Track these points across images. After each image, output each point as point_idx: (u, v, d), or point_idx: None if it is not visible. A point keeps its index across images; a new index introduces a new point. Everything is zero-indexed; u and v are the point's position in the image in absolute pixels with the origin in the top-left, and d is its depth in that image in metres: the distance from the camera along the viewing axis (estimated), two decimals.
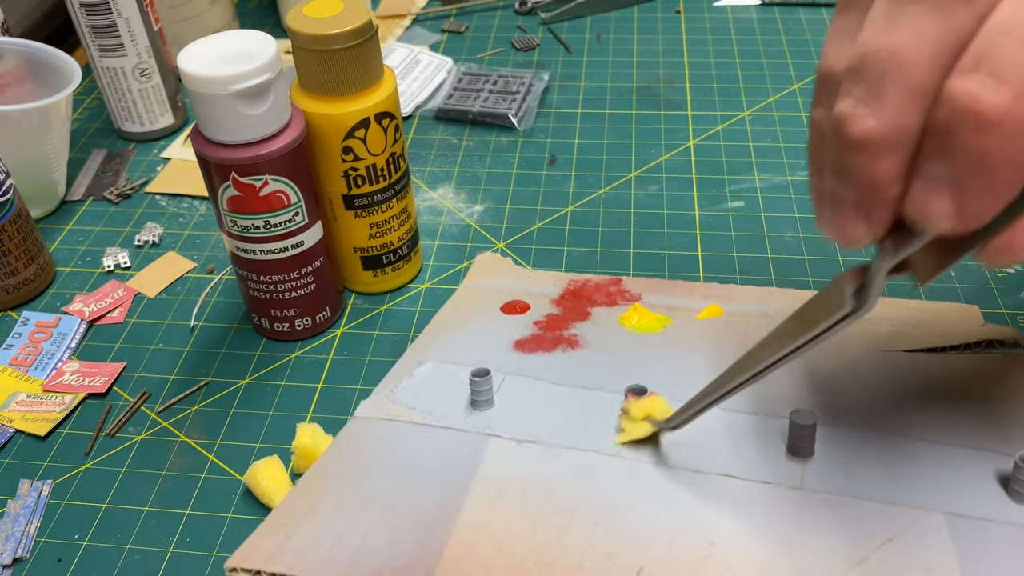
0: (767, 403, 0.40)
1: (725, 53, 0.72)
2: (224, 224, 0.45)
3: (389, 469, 0.38)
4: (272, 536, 0.35)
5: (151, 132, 0.65)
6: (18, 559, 0.39)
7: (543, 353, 0.44)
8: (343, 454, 0.40)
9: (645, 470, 0.37)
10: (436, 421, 0.40)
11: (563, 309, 0.47)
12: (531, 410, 0.41)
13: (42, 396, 0.46)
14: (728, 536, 0.34)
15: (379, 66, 0.45)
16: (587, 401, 0.41)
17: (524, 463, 0.38)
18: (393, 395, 0.42)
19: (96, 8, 0.59)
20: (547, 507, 0.36)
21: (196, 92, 0.40)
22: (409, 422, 0.41)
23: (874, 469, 0.36)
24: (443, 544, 0.34)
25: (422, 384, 0.43)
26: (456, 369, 0.43)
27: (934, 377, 0.41)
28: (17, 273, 0.51)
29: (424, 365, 0.44)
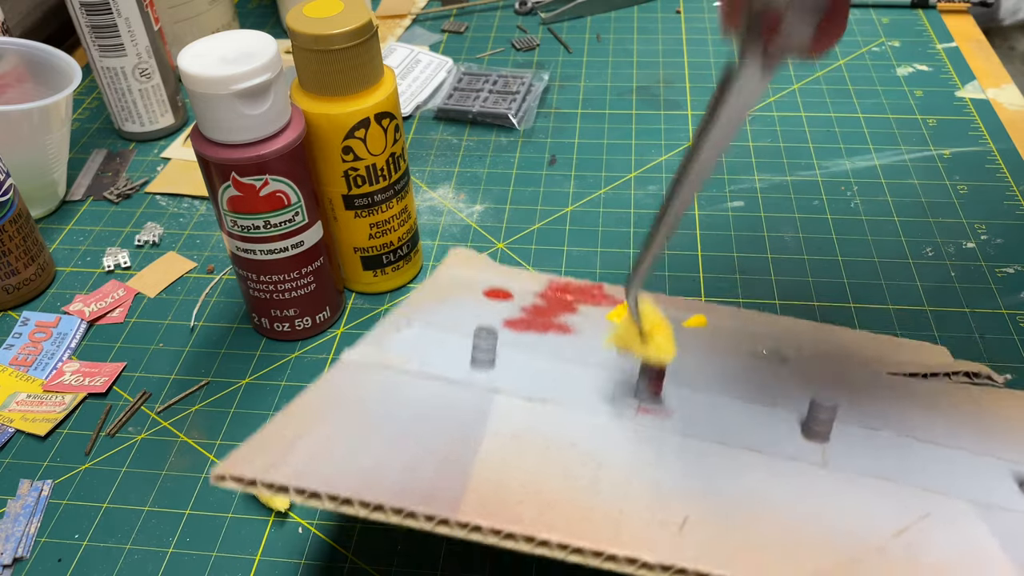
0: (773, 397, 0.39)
1: (725, 53, 0.72)
2: (224, 224, 0.45)
3: (393, 405, 0.34)
4: (264, 450, 0.31)
5: (151, 132, 0.65)
6: (18, 559, 0.39)
7: (535, 333, 0.41)
8: (335, 387, 0.35)
9: (669, 437, 0.35)
10: (437, 373, 0.36)
11: (548, 303, 0.45)
12: (534, 376, 0.37)
13: (42, 396, 0.46)
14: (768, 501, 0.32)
15: (379, 66, 0.45)
16: (591, 374, 0.38)
17: (537, 419, 0.35)
18: (383, 348, 0.38)
19: (96, 8, 0.59)
20: (573, 457, 0.32)
21: (196, 92, 0.40)
22: (405, 371, 0.36)
23: (891, 459, 0.36)
24: (467, 473, 0.30)
25: (414, 341, 0.39)
26: (446, 336, 0.39)
27: (921, 393, 0.42)
28: (17, 273, 0.51)
29: (412, 327, 0.40)
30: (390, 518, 0.28)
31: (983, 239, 0.53)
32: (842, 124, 0.63)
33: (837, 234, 0.54)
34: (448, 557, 0.38)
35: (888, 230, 0.54)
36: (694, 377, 0.39)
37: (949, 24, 0.73)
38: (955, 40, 0.71)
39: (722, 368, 0.41)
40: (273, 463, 0.30)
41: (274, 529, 0.40)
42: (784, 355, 0.43)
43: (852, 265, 0.51)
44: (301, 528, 0.40)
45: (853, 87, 0.66)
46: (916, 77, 0.67)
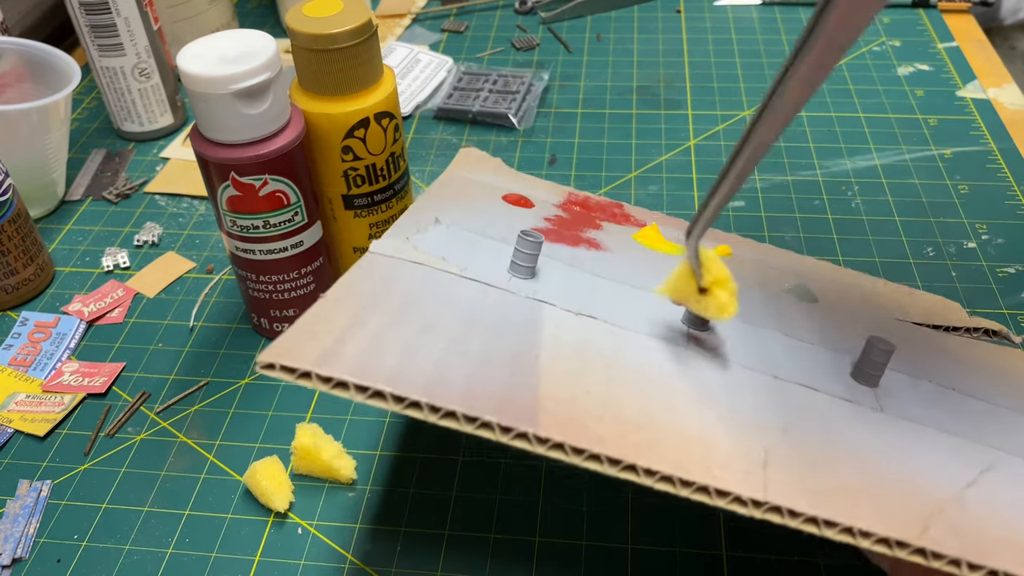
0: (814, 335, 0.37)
1: (725, 53, 0.72)
2: (224, 224, 0.45)
3: (442, 304, 0.31)
4: (314, 339, 0.27)
5: (150, 132, 0.65)
6: (17, 559, 0.39)
7: (567, 246, 0.38)
8: (373, 278, 0.32)
9: (726, 366, 0.33)
10: (476, 276, 0.33)
11: (571, 216, 0.42)
12: (577, 290, 0.34)
13: (41, 396, 0.46)
14: (839, 441, 0.31)
15: (379, 66, 0.45)
16: (636, 295, 0.35)
17: (591, 334, 0.32)
18: (412, 242, 0.34)
19: (96, 8, 0.59)
20: (639, 377, 0.30)
21: (196, 92, 0.40)
22: (443, 271, 0.33)
23: (940, 409, 0.34)
24: (536, 386, 0.28)
25: (444, 240, 0.35)
26: (477, 238, 0.36)
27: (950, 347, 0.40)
28: (16, 273, 0.51)
29: (439, 224, 0.36)
30: (463, 426, 0.26)
31: (984, 239, 0.53)
32: (843, 124, 0.63)
33: (838, 234, 0.54)
34: (448, 557, 0.38)
35: (889, 230, 0.54)
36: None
37: (950, 24, 0.73)
38: (956, 40, 0.71)
39: (761, 301, 0.39)
40: (326, 354, 0.26)
41: (274, 529, 0.40)
42: (812, 293, 0.41)
43: (853, 265, 0.51)
44: (301, 528, 0.40)
45: (854, 87, 0.66)
46: (917, 77, 0.67)
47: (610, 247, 0.39)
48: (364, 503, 0.40)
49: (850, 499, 0.28)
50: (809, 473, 0.28)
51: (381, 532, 0.39)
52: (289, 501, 0.40)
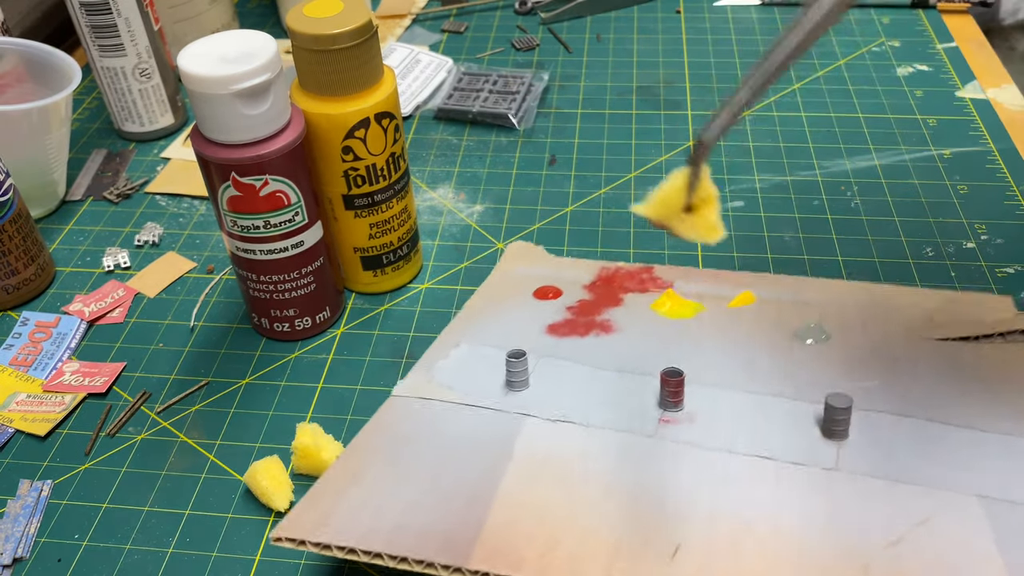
0: (800, 388, 0.40)
1: (725, 53, 0.72)
2: (224, 224, 0.45)
3: (429, 444, 0.38)
4: (315, 508, 0.35)
5: (151, 132, 0.65)
6: (18, 559, 0.39)
7: (576, 337, 0.44)
8: (382, 429, 0.39)
9: (681, 451, 0.37)
10: (473, 400, 0.40)
11: (595, 295, 0.47)
12: (566, 391, 0.40)
13: (42, 396, 0.46)
14: (764, 516, 0.34)
15: (379, 66, 0.45)
16: (621, 383, 0.41)
17: (560, 441, 0.38)
18: (431, 374, 0.42)
19: (96, 8, 0.59)
20: (585, 483, 0.36)
21: (196, 92, 0.40)
22: (446, 401, 0.41)
23: (909, 453, 0.36)
24: (485, 514, 0.34)
25: (459, 365, 0.43)
26: (492, 352, 0.43)
27: (968, 364, 0.41)
28: (17, 273, 0.51)
29: (460, 347, 0.44)
30: (414, 568, 0.32)
31: (983, 239, 0.53)
32: (842, 124, 0.63)
33: (837, 234, 0.54)
34: None
35: (888, 230, 0.54)
36: (722, 373, 0.41)
37: (949, 24, 0.73)
38: (955, 40, 0.71)
39: (753, 358, 0.42)
40: (319, 523, 0.34)
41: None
42: (826, 331, 0.43)
43: (852, 265, 0.51)
44: None
45: (853, 87, 0.66)
46: (916, 77, 0.67)
47: (622, 326, 0.45)
48: None
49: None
50: (713, 562, 0.32)
51: None
52: (290, 501, 0.40)
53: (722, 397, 0.40)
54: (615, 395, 0.40)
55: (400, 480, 0.36)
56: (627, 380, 0.41)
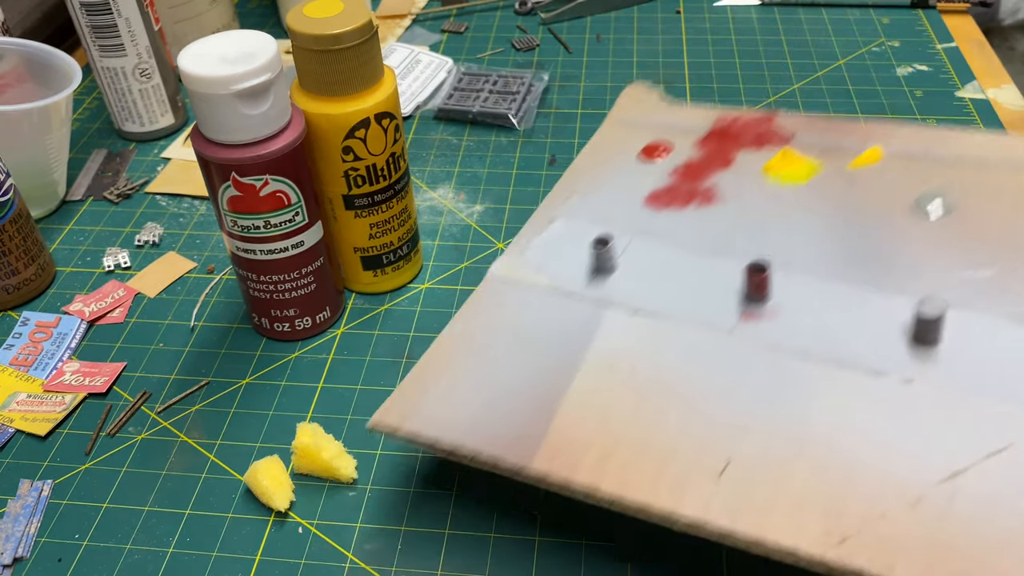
0: (903, 278, 0.37)
1: (725, 53, 0.72)
2: (224, 224, 0.45)
3: (514, 335, 0.39)
4: (405, 397, 0.37)
5: (151, 132, 0.65)
6: (18, 559, 0.39)
7: (675, 209, 0.43)
8: (475, 315, 0.41)
9: (753, 353, 0.36)
10: (560, 285, 0.41)
11: (705, 153, 0.46)
12: (652, 277, 0.40)
13: (42, 396, 0.46)
14: (823, 434, 0.32)
15: (379, 66, 0.45)
16: (710, 269, 0.40)
17: (637, 337, 0.38)
18: (525, 252, 0.43)
19: (96, 8, 0.59)
20: (653, 385, 0.36)
21: (196, 92, 0.40)
22: (534, 286, 0.41)
23: (1007, 367, 0.33)
24: (552, 414, 0.35)
25: (553, 243, 0.43)
26: (586, 226, 0.43)
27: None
28: (17, 273, 0.51)
29: (556, 223, 0.44)
30: (484, 466, 0.35)
31: None
32: None
33: None
34: (448, 557, 0.38)
35: None
36: (820, 257, 0.39)
37: (949, 24, 0.73)
38: (955, 40, 0.71)
39: (859, 237, 0.40)
40: (408, 413, 0.36)
41: (274, 529, 0.40)
42: (952, 200, 0.40)
43: None
44: (301, 528, 0.40)
45: (853, 87, 0.66)
46: (916, 77, 0.67)
47: (725, 196, 0.43)
48: (364, 503, 0.41)
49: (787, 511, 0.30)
50: (760, 483, 0.31)
51: (381, 532, 0.39)
52: (290, 500, 0.40)
53: (812, 288, 0.38)
54: (701, 282, 0.39)
55: (482, 373, 0.37)
56: (717, 265, 0.40)
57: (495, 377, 0.37)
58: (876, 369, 0.33)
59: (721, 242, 0.40)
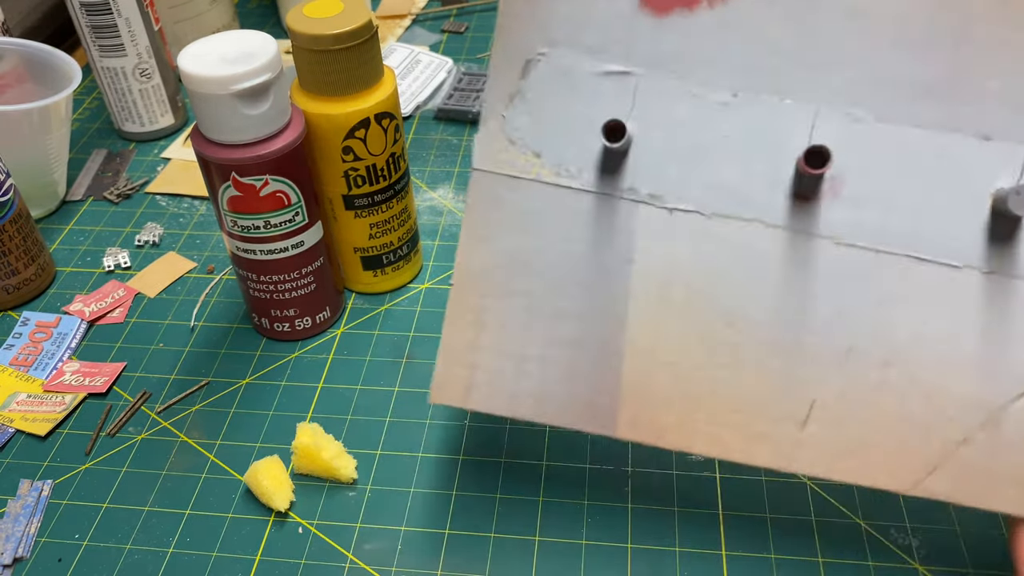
0: (1007, 117, 0.30)
1: None
2: (224, 224, 0.45)
3: (538, 256, 0.34)
4: (459, 364, 0.34)
5: (151, 132, 0.65)
6: (18, 559, 0.39)
7: (682, 11, 0.32)
8: (482, 238, 0.35)
9: (816, 251, 0.31)
10: (571, 179, 0.33)
11: None
12: (679, 144, 0.32)
13: (42, 396, 0.46)
14: (907, 348, 0.30)
15: (379, 66, 0.45)
16: (748, 119, 0.31)
17: (681, 248, 0.32)
18: (507, 124, 0.34)
19: (96, 8, 0.59)
20: (716, 317, 0.32)
21: (196, 92, 0.40)
22: (538, 181, 0.33)
23: None
24: (619, 372, 0.33)
25: (539, 102, 0.33)
26: (576, 61, 0.33)
27: None
28: (17, 273, 0.51)
29: (536, 64, 0.34)
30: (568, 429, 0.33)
31: None
32: None
33: None
34: (448, 557, 0.38)
35: None
36: (895, 86, 0.30)
37: None
38: None
39: (952, 57, 0.31)
40: (468, 386, 0.34)
41: (274, 529, 0.40)
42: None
43: None
44: (301, 528, 0.40)
45: None
46: None
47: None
48: (364, 503, 0.41)
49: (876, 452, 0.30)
50: (847, 425, 0.30)
51: (381, 532, 0.39)
52: (290, 500, 0.40)
53: (883, 142, 0.30)
54: (741, 145, 0.31)
55: (522, 324, 0.33)
56: (756, 111, 0.31)
57: (540, 326, 0.33)
58: (955, 261, 0.30)
59: (754, 71, 0.31)
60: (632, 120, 0.33)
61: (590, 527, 0.39)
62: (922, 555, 0.37)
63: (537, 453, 0.42)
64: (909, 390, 0.30)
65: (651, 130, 0.33)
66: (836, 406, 0.31)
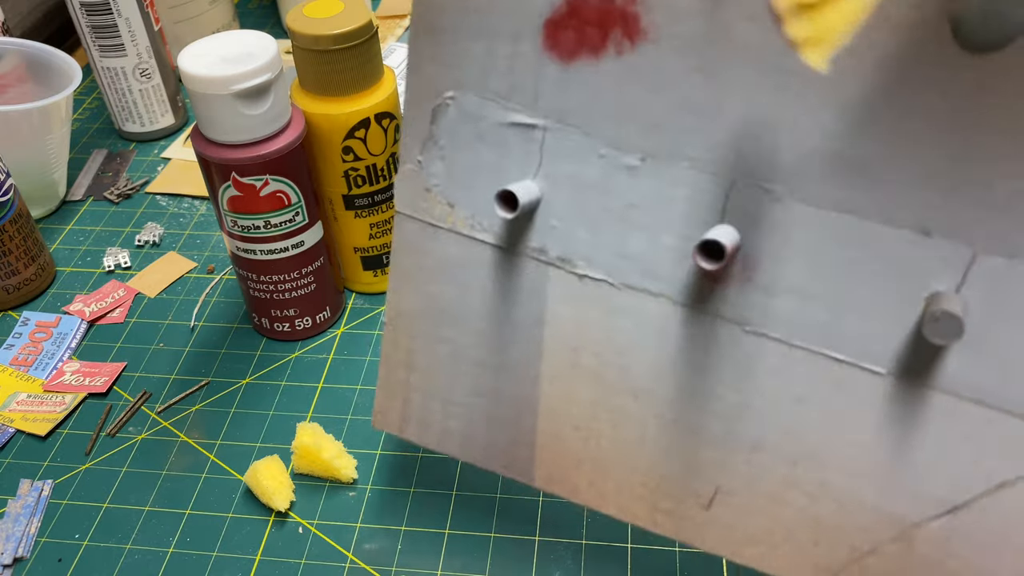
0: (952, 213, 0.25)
1: None
2: (224, 224, 0.45)
3: (460, 306, 0.33)
4: (395, 397, 0.36)
5: (151, 132, 0.66)
6: (18, 559, 0.39)
7: (588, 60, 0.28)
8: (410, 278, 0.34)
9: (723, 336, 0.29)
10: (483, 233, 0.32)
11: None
12: (588, 208, 0.30)
13: (42, 396, 0.47)
14: (817, 450, 0.28)
15: (379, 66, 0.45)
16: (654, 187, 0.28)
17: (589, 316, 0.31)
18: (423, 170, 0.32)
19: (96, 8, 0.59)
20: (623, 389, 0.31)
21: (196, 92, 0.40)
22: (454, 232, 0.32)
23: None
24: (533, 430, 0.34)
25: (451, 150, 0.32)
26: (483, 108, 0.30)
27: None
28: (18, 273, 0.51)
29: (445, 110, 0.31)
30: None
31: None
32: None
33: None
34: (448, 557, 0.38)
35: None
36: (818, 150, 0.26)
37: None
38: None
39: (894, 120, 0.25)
40: (403, 417, 0.36)
41: (274, 529, 0.40)
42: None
43: None
44: (301, 528, 0.40)
45: None
46: None
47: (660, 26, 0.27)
48: (364, 503, 0.41)
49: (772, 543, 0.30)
50: (752, 512, 0.30)
51: (381, 532, 0.39)
52: (290, 500, 0.40)
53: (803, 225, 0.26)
54: (650, 216, 0.29)
55: (447, 369, 0.34)
56: (665, 178, 0.28)
57: (463, 374, 0.34)
58: (882, 368, 0.27)
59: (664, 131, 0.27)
60: (540, 178, 0.30)
61: (590, 527, 0.39)
62: None
63: None
64: (818, 493, 0.29)
65: (559, 190, 0.30)
66: (742, 494, 0.30)
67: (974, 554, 0.27)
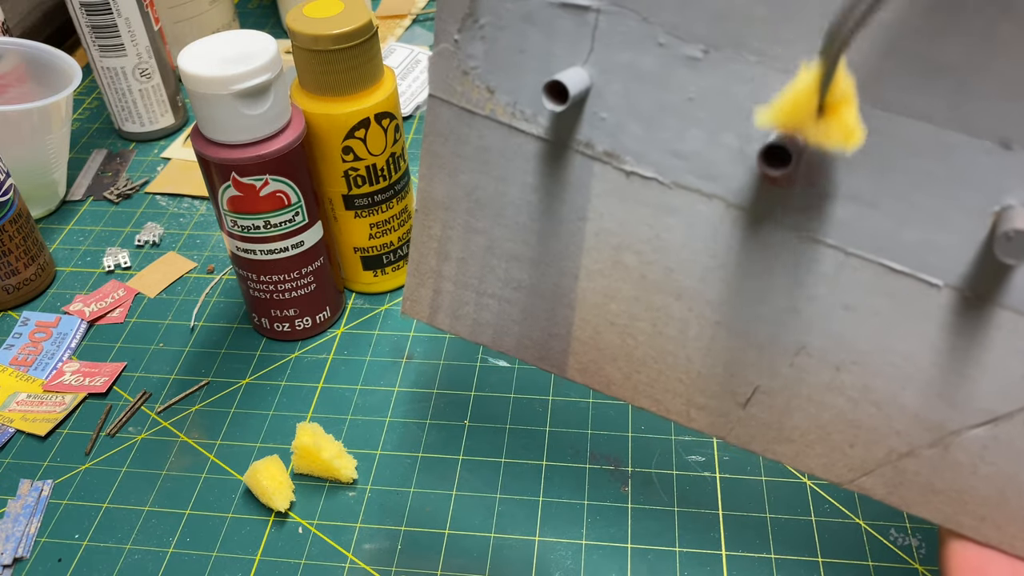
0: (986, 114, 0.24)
1: None
2: (224, 224, 0.45)
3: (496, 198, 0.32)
4: (426, 285, 0.35)
5: (151, 132, 0.65)
6: (18, 559, 0.39)
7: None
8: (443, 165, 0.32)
9: (778, 241, 0.28)
10: (525, 123, 0.30)
11: None
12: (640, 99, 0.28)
13: (42, 396, 0.46)
14: (863, 357, 0.27)
15: (379, 66, 0.45)
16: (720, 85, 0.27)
17: (638, 214, 0.29)
18: (460, 51, 0.30)
19: (96, 8, 0.59)
20: (666, 289, 0.30)
21: (196, 92, 0.40)
22: (492, 119, 0.30)
23: None
24: (570, 324, 0.33)
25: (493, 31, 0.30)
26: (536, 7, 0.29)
27: None
28: (17, 273, 0.51)
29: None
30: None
31: None
32: None
33: None
34: (448, 557, 0.38)
35: None
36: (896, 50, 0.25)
37: None
38: None
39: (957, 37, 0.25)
40: (435, 306, 0.35)
41: (274, 529, 0.40)
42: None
43: None
44: (301, 528, 0.40)
45: None
46: None
47: None
48: (364, 503, 0.41)
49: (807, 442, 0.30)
50: (788, 413, 0.30)
51: (381, 532, 0.39)
52: (290, 501, 0.40)
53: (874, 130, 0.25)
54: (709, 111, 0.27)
55: (481, 261, 0.34)
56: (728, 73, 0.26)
57: (498, 267, 0.33)
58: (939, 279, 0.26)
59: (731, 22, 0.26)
60: (590, 65, 0.28)
61: (590, 527, 0.39)
62: (922, 555, 0.37)
63: (537, 453, 0.42)
64: (860, 398, 0.28)
65: (611, 80, 0.28)
66: (780, 395, 0.30)
67: (1008, 463, 0.26)
